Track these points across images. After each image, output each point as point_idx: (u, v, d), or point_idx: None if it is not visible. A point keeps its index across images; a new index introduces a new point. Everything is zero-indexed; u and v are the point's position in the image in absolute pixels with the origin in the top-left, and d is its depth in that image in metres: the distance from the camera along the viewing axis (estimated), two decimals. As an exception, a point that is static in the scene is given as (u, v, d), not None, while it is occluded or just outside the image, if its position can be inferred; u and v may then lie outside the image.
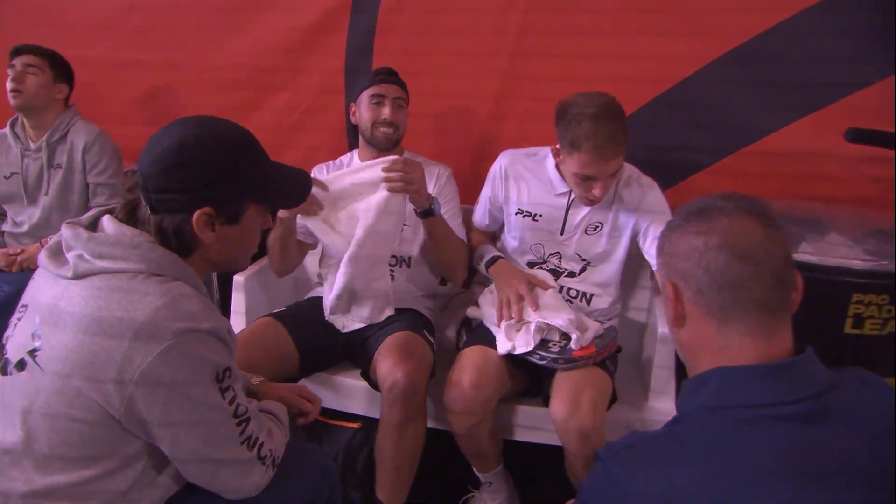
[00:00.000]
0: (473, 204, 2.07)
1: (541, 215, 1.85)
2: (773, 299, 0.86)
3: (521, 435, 1.79)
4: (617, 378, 1.78)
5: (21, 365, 1.01)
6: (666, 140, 2.24)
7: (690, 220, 0.91)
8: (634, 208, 1.79)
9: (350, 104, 2.04)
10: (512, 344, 1.67)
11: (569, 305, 1.79)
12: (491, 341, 1.73)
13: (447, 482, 1.94)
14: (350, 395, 1.86)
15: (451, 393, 1.62)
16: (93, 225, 1.08)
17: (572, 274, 1.86)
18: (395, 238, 1.82)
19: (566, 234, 1.83)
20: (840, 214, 1.91)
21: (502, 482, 1.81)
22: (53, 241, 1.08)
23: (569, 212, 1.82)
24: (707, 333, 0.88)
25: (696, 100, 2.17)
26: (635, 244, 1.83)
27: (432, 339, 1.84)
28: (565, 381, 1.60)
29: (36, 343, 1.00)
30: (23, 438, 0.99)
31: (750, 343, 0.85)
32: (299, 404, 1.40)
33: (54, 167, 2.24)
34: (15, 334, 1.05)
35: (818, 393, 0.81)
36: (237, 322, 1.97)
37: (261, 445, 1.10)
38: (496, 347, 1.70)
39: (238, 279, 2.00)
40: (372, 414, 1.81)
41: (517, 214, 1.88)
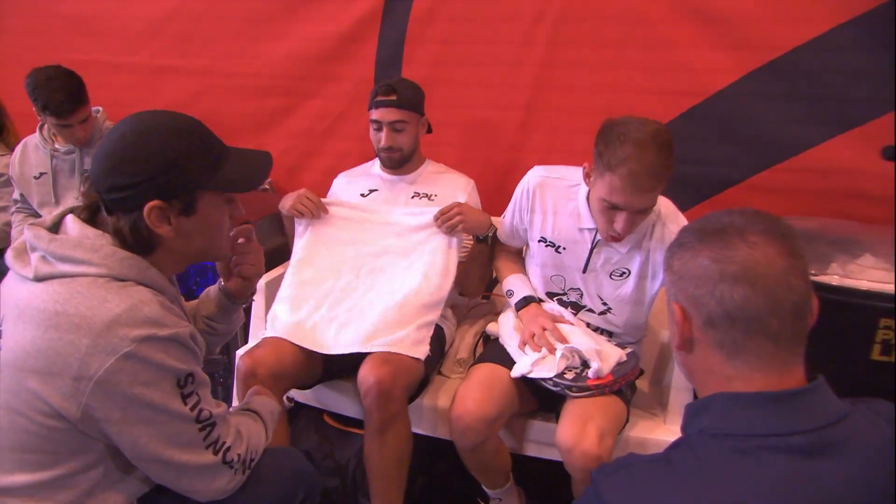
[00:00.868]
0: (499, 215, 2.05)
1: (564, 248, 1.73)
2: (789, 332, 0.81)
3: (535, 451, 1.77)
4: (636, 397, 1.74)
5: None
6: (697, 154, 2.19)
7: (706, 242, 0.83)
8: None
9: None
10: (530, 368, 1.60)
11: (592, 334, 1.72)
12: (504, 359, 1.71)
13: (454, 495, 1.92)
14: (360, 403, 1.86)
15: (456, 409, 1.59)
16: (56, 226, 1.08)
17: (592, 311, 1.77)
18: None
19: (589, 273, 1.72)
20: (878, 236, 1.83)
21: (513, 499, 1.78)
22: (19, 241, 1.08)
23: (593, 251, 1.69)
24: (715, 363, 0.84)
25: (730, 114, 2.12)
26: None
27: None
28: (574, 407, 1.55)
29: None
30: None
31: (760, 378, 0.81)
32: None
33: (84, 174, 2.31)
34: None
35: (825, 425, 0.77)
36: (257, 326, 2.00)
37: (227, 449, 1.09)
38: (509, 366, 1.67)
39: (259, 284, 2.02)
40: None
41: (540, 242, 1.78)
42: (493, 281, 2.10)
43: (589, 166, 1.58)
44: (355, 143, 2.59)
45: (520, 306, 1.78)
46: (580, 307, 1.77)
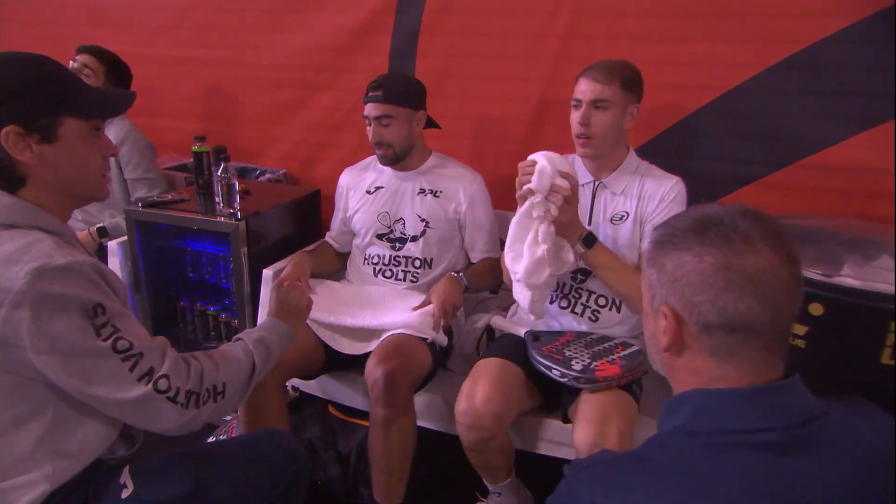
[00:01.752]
0: (512, 209, 2.02)
1: None
2: (782, 336, 0.80)
3: (540, 448, 1.75)
4: (643, 396, 1.71)
5: None
6: (715, 150, 2.15)
7: (708, 246, 0.78)
8: (656, 197, 1.73)
9: None
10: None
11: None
12: (511, 353, 1.69)
13: (454, 488, 1.92)
14: (366, 394, 1.86)
15: (461, 405, 1.58)
16: None
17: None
18: None
19: (593, 225, 1.77)
20: (898, 237, 1.77)
21: (512, 494, 1.77)
22: None
23: (594, 200, 1.78)
24: (703, 367, 0.82)
25: (749, 109, 2.06)
26: None
27: (438, 341, 1.82)
28: (591, 407, 1.52)
29: None
30: None
31: (747, 380, 0.79)
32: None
33: None
34: None
35: (799, 422, 0.76)
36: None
37: (160, 378, 1.06)
38: (516, 361, 1.66)
39: (267, 273, 2.04)
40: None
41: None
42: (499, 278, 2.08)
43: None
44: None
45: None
46: (589, 270, 1.77)
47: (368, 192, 2.08)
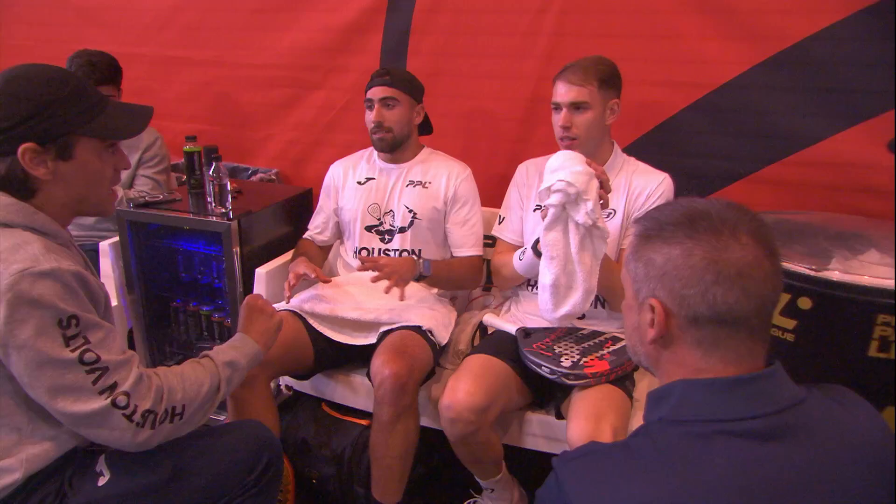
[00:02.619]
0: (500, 207, 2.03)
1: None
2: (765, 326, 0.82)
3: (531, 443, 1.76)
4: (637, 389, 1.72)
5: None
6: (704, 147, 2.16)
7: (697, 240, 0.79)
8: (644, 194, 1.76)
9: None
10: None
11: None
12: (498, 350, 1.70)
13: (449, 485, 1.93)
14: (359, 392, 1.88)
15: (445, 400, 1.59)
16: None
17: None
18: None
19: None
20: (885, 231, 1.79)
21: (504, 489, 1.78)
22: None
23: None
24: (688, 358, 0.83)
25: (737, 106, 2.08)
26: None
27: (437, 339, 1.83)
28: (584, 403, 1.54)
29: None
30: None
31: (732, 370, 0.81)
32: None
33: None
34: None
35: (779, 409, 0.78)
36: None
37: (122, 395, 1.07)
38: (503, 358, 1.67)
39: (260, 272, 2.05)
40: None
41: (535, 211, 1.82)
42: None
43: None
44: (360, 135, 2.55)
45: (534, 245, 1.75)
46: None
47: (359, 184, 2.08)
